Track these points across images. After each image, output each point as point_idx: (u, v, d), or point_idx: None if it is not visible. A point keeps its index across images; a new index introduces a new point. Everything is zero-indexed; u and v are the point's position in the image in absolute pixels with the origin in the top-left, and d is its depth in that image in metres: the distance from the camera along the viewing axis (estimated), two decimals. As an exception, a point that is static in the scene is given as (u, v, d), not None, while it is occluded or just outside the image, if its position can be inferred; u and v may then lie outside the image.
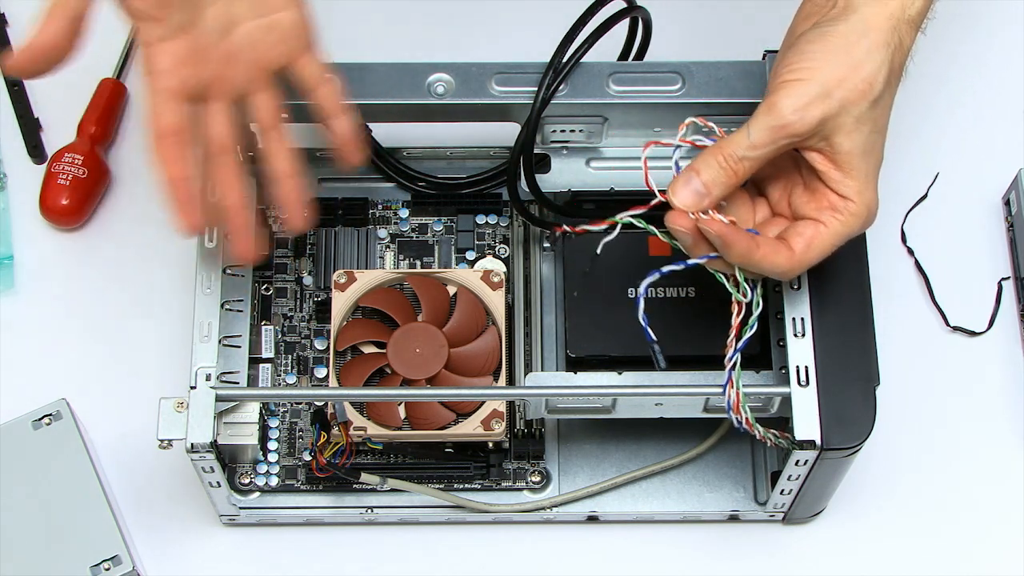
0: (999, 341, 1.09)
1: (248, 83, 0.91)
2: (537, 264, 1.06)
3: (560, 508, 1.02)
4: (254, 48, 0.90)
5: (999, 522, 1.04)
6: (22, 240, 1.11)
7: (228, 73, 0.89)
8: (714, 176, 0.85)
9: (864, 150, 0.85)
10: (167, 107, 0.87)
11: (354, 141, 0.94)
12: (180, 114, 0.87)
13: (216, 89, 0.89)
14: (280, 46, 0.91)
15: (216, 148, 0.90)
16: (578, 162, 1.01)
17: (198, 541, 1.03)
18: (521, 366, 1.03)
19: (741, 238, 0.85)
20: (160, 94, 0.87)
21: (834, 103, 0.84)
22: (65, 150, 1.11)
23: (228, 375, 0.94)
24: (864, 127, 0.85)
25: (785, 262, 0.86)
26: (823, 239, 0.87)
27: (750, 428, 0.91)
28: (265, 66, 0.91)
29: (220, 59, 0.89)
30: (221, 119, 0.90)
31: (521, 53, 1.00)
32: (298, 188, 0.92)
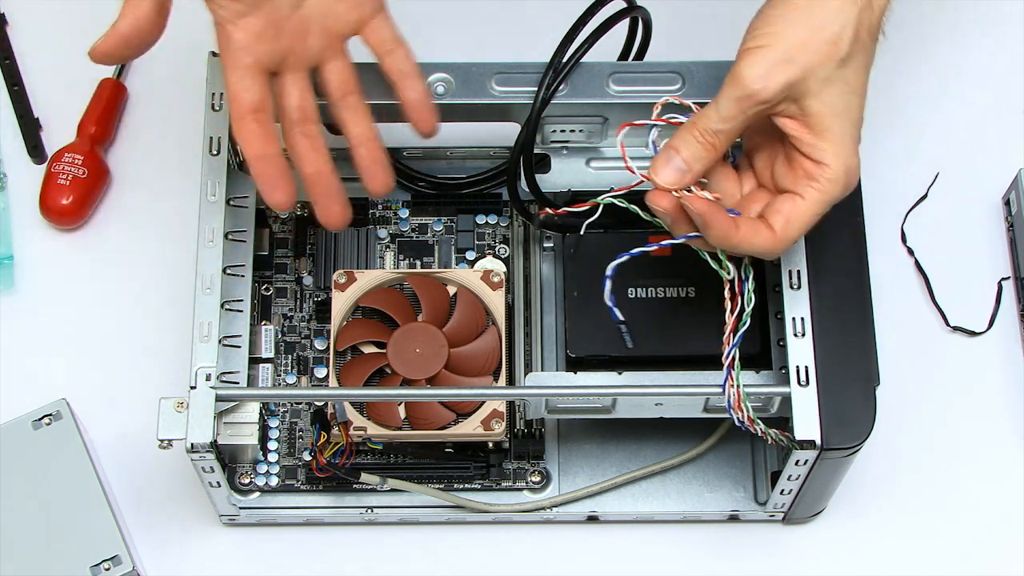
0: (999, 341, 1.09)
1: (322, 52, 0.92)
2: (537, 264, 1.06)
3: (560, 508, 1.02)
4: (325, 17, 0.91)
5: (999, 522, 1.04)
6: (22, 240, 1.11)
7: (302, 44, 0.91)
8: (693, 152, 0.85)
9: (836, 111, 0.84)
10: (245, 84, 0.89)
11: (428, 106, 0.95)
12: (260, 90, 0.89)
13: (292, 61, 0.91)
14: (350, 13, 0.92)
15: (296, 118, 0.92)
16: (578, 162, 1.01)
17: (198, 541, 1.03)
18: (521, 366, 1.03)
19: (721, 219, 0.85)
20: (238, 71, 0.89)
21: (798, 67, 0.83)
22: (65, 150, 1.11)
23: (228, 375, 0.94)
24: (833, 88, 0.84)
25: (766, 242, 0.86)
26: (801, 212, 0.86)
27: (751, 426, 0.91)
28: (337, 34, 0.92)
29: (294, 31, 0.90)
30: (299, 90, 0.92)
31: (521, 53, 1.00)
32: (379, 151, 0.94)
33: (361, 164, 0.94)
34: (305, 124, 0.92)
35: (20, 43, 1.17)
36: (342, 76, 0.93)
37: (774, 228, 0.86)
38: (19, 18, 1.18)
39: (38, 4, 1.18)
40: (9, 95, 1.15)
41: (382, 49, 0.94)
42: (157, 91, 1.16)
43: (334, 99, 0.93)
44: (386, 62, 0.94)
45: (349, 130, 0.94)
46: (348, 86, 0.93)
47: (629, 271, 0.97)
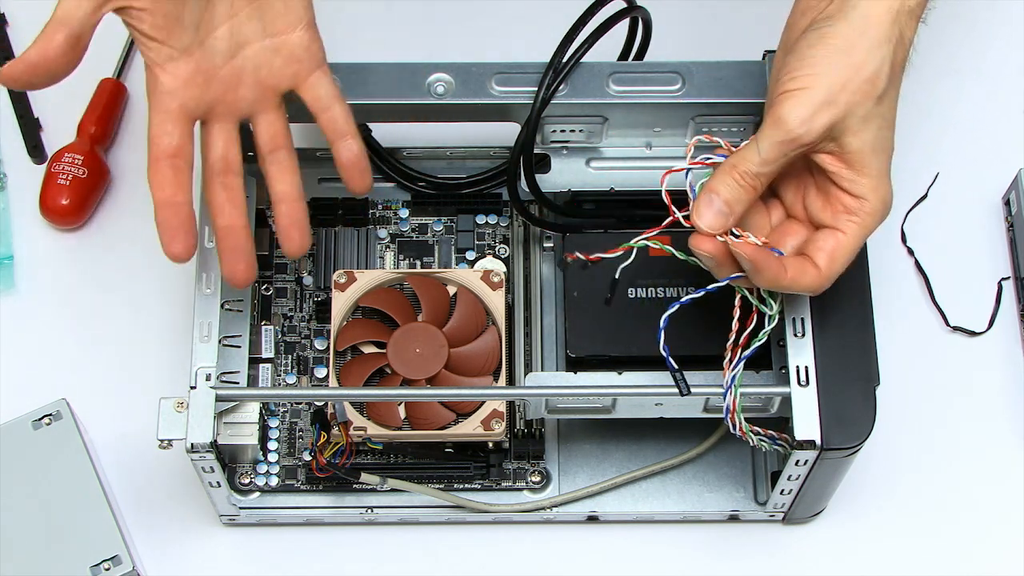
0: (999, 341, 1.09)
1: (254, 104, 0.90)
2: (537, 264, 1.06)
3: (560, 508, 1.02)
4: (259, 69, 0.90)
5: (999, 522, 1.04)
6: (22, 240, 1.11)
7: (233, 94, 0.89)
8: (734, 194, 0.85)
9: (874, 147, 0.85)
10: (166, 129, 0.87)
11: (360, 166, 0.93)
12: (180, 136, 0.87)
13: (221, 110, 0.89)
14: (287, 68, 0.90)
15: (218, 169, 0.90)
16: (578, 162, 1.01)
17: (198, 541, 1.03)
18: (521, 366, 1.03)
19: (771, 263, 0.85)
20: (160, 115, 0.87)
21: (840, 108, 0.83)
22: (65, 150, 1.11)
23: (228, 375, 0.94)
24: (872, 124, 0.85)
25: (813, 281, 0.86)
26: (845, 248, 0.86)
27: (743, 436, 0.91)
28: (272, 87, 0.91)
29: (226, 80, 0.89)
30: (224, 140, 0.90)
31: (521, 53, 1.00)
32: (299, 211, 0.92)
33: (280, 222, 0.91)
34: (226, 175, 0.90)
35: (20, 43, 1.17)
36: (272, 130, 0.91)
37: (819, 266, 0.86)
38: (19, 18, 1.18)
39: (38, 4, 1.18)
40: (9, 95, 1.15)
41: (318, 106, 0.92)
42: (157, 91, 1.15)
43: (263, 152, 0.92)
44: (322, 119, 0.92)
45: (273, 186, 0.91)
46: (278, 141, 0.91)
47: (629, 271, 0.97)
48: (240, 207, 0.90)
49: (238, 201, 0.90)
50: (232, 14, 0.88)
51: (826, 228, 0.87)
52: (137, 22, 0.85)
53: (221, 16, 0.88)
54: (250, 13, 0.88)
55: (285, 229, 0.91)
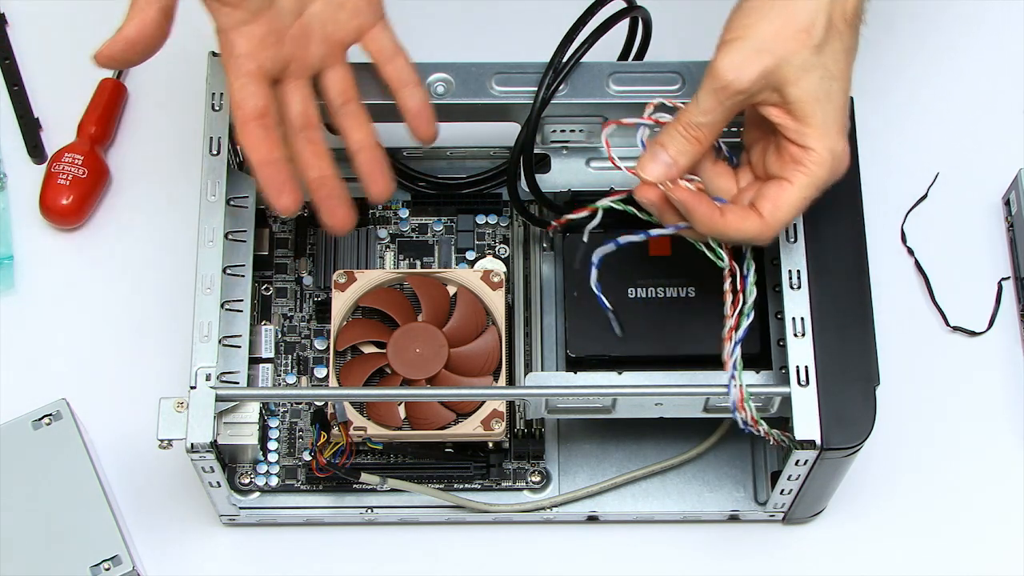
0: (999, 341, 1.09)
1: (323, 59, 0.93)
2: (537, 264, 1.06)
3: (560, 508, 1.02)
4: (326, 25, 0.92)
5: (999, 522, 1.04)
6: (22, 240, 1.11)
7: (304, 51, 0.92)
8: (678, 146, 0.87)
9: (817, 96, 0.86)
10: (249, 91, 0.89)
11: (426, 113, 0.96)
12: (263, 97, 0.90)
13: (294, 68, 0.92)
14: (351, 21, 0.93)
15: (300, 124, 0.92)
16: (578, 162, 1.01)
17: (198, 541, 1.03)
18: (521, 366, 1.03)
19: (703, 205, 0.87)
20: (241, 79, 0.89)
21: (773, 56, 0.84)
22: (65, 150, 1.11)
23: (228, 375, 0.94)
24: (812, 74, 0.85)
25: (753, 227, 0.87)
26: (789, 196, 0.87)
27: (755, 426, 0.91)
28: (338, 42, 0.93)
29: (295, 38, 0.91)
30: (301, 96, 0.92)
31: (521, 53, 1.00)
32: (379, 158, 0.94)
33: (362, 169, 0.94)
34: (308, 130, 0.93)
35: (20, 43, 1.17)
36: (343, 83, 0.94)
37: (762, 213, 0.87)
38: (19, 18, 1.18)
39: (38, 4, 1.18)
40: (9, 95, 1.15)
41: (382, 57, 0.95)
42: (157, 91, 1.16)
43: (334, 106, 0.94)
44: (386, 70, 0.95)
45: (349, 136, 0.94)
46: (348, 93, 0.94)
47: (629, 271, 0.97)
48: (327, 158, 0.93)
49: (323, 152, 0.93)
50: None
51: (774, 179, 0.88)
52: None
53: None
54: None
55: (369, 175, 0.94)
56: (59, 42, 1.17)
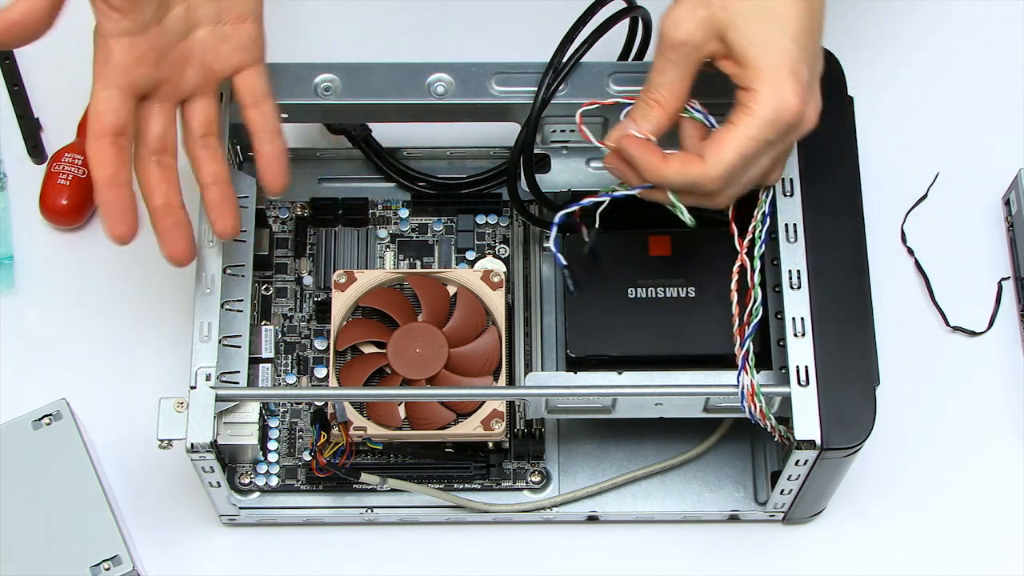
0: (999, 341, 1.09)
1: (195, 87, 0.91)
2: (537, 264, 1.06)
3: (560, 508, 1.02)
4: (207, 54, 0.90)
5: (999, 522, 1.04)
6: (22, 240, 1.11)
7: (179, 76, 0.90)
8: (641, 111, 0.89)
9: (763, 42, 0.85)
10: (112, 104, 0.86)
11: (280, 164, 0.93)
12: (125, 113, 0.87)
13: (166, 89, 0.89)
14: (233, 56, 0.91)
15: (155, 147, 0.89)
16: (578, 162, 1.01)
17: (198, 541, 1.03)
18: (521, 366, 1.03)
19: (649, 154, 0.88)
20: (109, 89, 0.86)
21: (712, 7, 0.85)
22: (65, 150, 1.11)
23: (228, 375, 0.93)
24: (755, 20, 0.85)
25: (696, 170, 0.87)
26: (731, 137, 0.86)
27: (763, 420, 0.91)
28: (214, 73, 0.91)
29: (174, 61, 0.89)
30: (164, 119, 0.90)
31: (521, 53, 1.00)
32: (231, 194, 0.92)
33: (212, 204, 0.91)
34: (163, 154, 0.90)
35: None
36: (208, 115, 0.91)
37: (704, 157, 0.87)
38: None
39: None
40: (9, 95, 1.15)
41: (251, 99, 0.92)
42: (157, 91, 1.15)
43: (194, 136, 0.91)
44: (251, 112, 0.93)
45: (203, 168, 0.91)
46: (211, 127, 0.92)
47: (629, 271, 0.97)
48: (175, 186, 0.90)
49: (173, 180, 0.90)
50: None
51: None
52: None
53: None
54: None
55: (219, 209, 0.91)
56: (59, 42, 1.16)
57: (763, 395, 0.91)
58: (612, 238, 1.00)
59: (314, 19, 1.18)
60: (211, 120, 0.92)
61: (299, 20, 1.17)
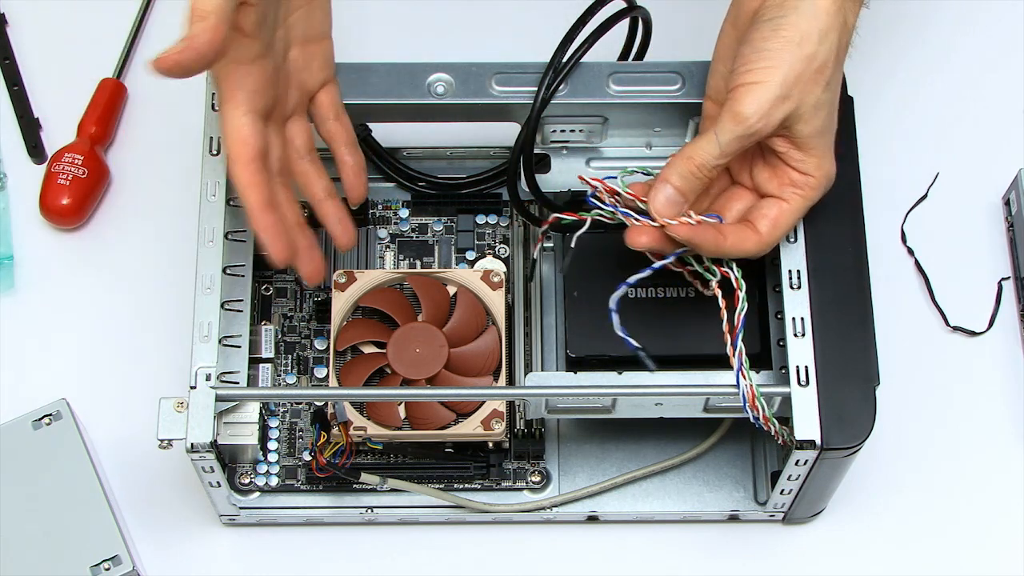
0: (999, 341, 1.09)
1: (295, 106, 0.92)
2: (537, 264, 1.06)
3: (560, 508, 1.02)
4: (301, 73, 0.91)
5: (999, 522, 1.04)
6: (22, 240, 1.11)
7: (285, 96, 0.91)
8: (689, 185, 0.89)
9: (821, 130, 0.89)
10: (256, 128, 0.86)
11: (364, 174, 0.96)
12: (264, 136, 0.87)
13: (277, 111, 0.90)
14: (321, 73, 0.93)
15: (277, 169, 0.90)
16: (578, 162, 1.01)
17: (198, 541, 1.03)
18: (521, 366, 1.03)
19: (708, 235, 0.89)
20: (248, 115, 0.86)
21: (793, 101, 0.87)
22: (65, 150, 1.11)
23: (228, 375, 0.94)
24: (821, 111, 0.88)
25: (753, 246, 0.90)
26: (787, 216, 0.91)
27: (766, 424, 0.91)
28: (308, 91, 0.93)
29: (282, 81, 0.90)
30: (279, 140, 0.90)
31: (521, 53, 1.00)
32: (343, 206, 0.94)
33: (331, 217, 0.93)
34: (283, 175, 0.91)
35: (20, 43, 1.17)
36: (307, 133, 0.93)
37: (760, 231, 0.90)
38: (19, 18, 1.18)
39: (38, 4, 1.18)
40: (9, 95, 1.15)
41: (331, 112, 0.94)
42: (157, 91, 1.15)
43: (300, 153, 0.93)
44: (334, 126, 0.94)
45: (314, 184, 0.93)
46: (312, 143, 0.93)
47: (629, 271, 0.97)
48: (296, 205, 0.91)
49: (294, 200, 0.91)
50: (287, 14, 0.89)
51: (771, 197, 0.91)
52: (243, 18, 0.84)
53: (281, 16, 0.89)
54: (299, 17, 0.90)
55: (340, 222, 0.94)
56: (59, 42, 1.17)
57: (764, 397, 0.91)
58: (612, 238, 0.99)
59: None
60: (311, 137, 0.93)
61: (299, 20, 1.17)
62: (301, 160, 0.93)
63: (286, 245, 0.87)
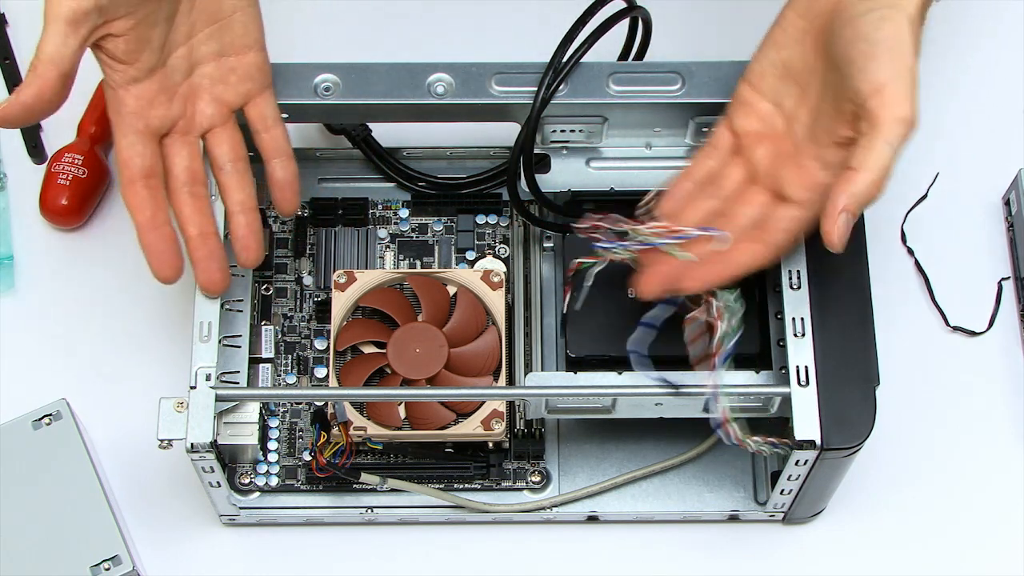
0: (999, 341, 1.09)
1: (211, 119, 0.93)
2: (537, 264, 1.06)
3: (560, 508, 1.02)
4: (215, 87, 0.93)
5: (999, 522, 1.04)
6: (22, 240, 1.11)
7: (192, 109, 0.92)
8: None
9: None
10: (136, 150, 0.90)
11: (294, 186, 0.96)
12: (150, 156, 0.90)
13: (182, 125, 0.92)
14: (241, 86, 0.94)
15: (185, 179, 0.92)
16: (578, 162, 1.01)
17: (198, 541, 1.03)
18: (521, 366, 1.03)
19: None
20: (129, 137, 0.89)
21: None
22: (65, 150, 1.11)
23: (228, 375, 0.94)
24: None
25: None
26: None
27: (740, 444, 0.91)
28: (227, 103, 0.93)
29: (184, 97, 0.92)
30: (188, 152, 0.92)
31: (521, 53, 1.00)
32: (257, 223, 0.94)
33: (238, 232, 0.94)
34: (193, 185, 0.92)
35: (20, 43, 1.17)
36: (231, 143, 0.94)
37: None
38: (19, 18, 1.18)
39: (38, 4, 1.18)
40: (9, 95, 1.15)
41: (262, 125, 0.95)
42: (157, 91, 1.15)
43: (220, 164, 0.94)
44: (264, 137, 0.95)
45: (231, 195, 0.94)
46: (237, 153, 0.94)
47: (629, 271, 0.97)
48: (209, 215, 0.93)
49: (207, 210, 0.93)
50: (191, 35, 0.91)
51: (791, 203, 0.89)
52: (112, 47, 0.87)
53: (181, 37, 0.91)
54: (209, 34, 0.92)
55: (244, 238, 0.94)
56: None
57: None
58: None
59: (314, 19, 1.18)
60: (236, 147, 0.94)
61: (299, 20, 1.17)
62: (221, 171, 0.94)
63: (167, 265, 0.90)
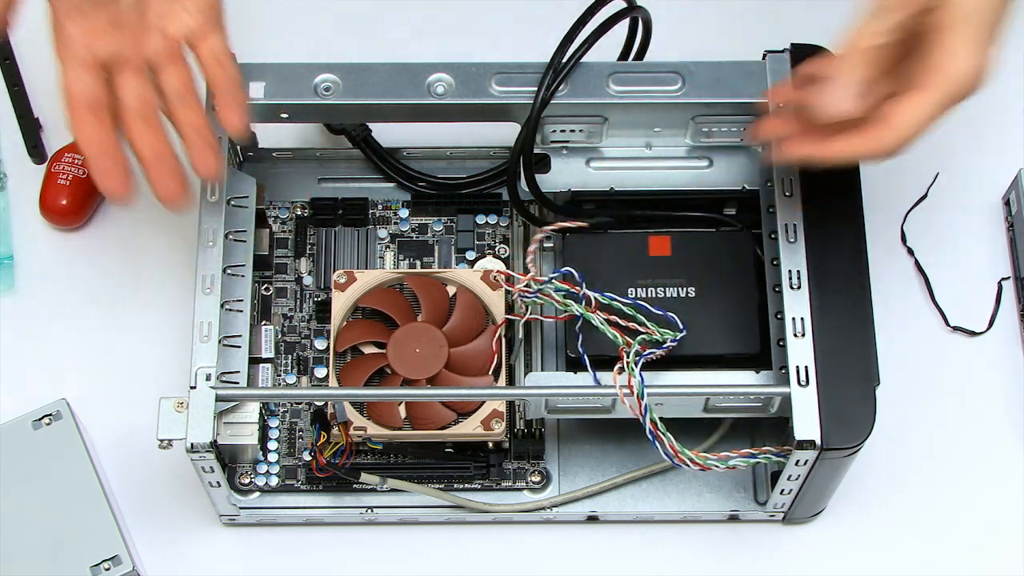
0: (999, 341, 1.09)
1: (159, 54, 0.91)
2: (537, 264, 1.06)
3: (560, 508, 1.02)
4: (163, 20, 0.91)
5: (999, 522, 1.04)
6: (22, 240, 1.11)
7: (140, 43, 0.91)
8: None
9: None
10: (78, 77, 0.89)
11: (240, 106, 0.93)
12: (93, 85, 0.89)
13: (128, 57, 0.91)
14: (191, 19, 0.92)
15: (137, 107, 0.90)
16: (578, 162, 1.01)
17: (198, 541, 1.03)
18: (521, 366, 1.03)
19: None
20: (70, 65, 0.89)
21: None
22: (65, 150, 1.11)
23: (228, 375, 0.94)
24: None
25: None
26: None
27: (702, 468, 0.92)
28: (175, 37, 0.92)
29: (132, 31, 0.90)
30: (137, 83, 0.91)
31: (521, 53, 1.00)
32: (209, 136, 0.92)
33: (190, 144, 0.92)
34: (145, 111, 0.91)
35: (20, 43, 1.17)
36: (180, 78, 0.92)
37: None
38: (19, 18, 1.18)
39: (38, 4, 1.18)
40: (9, 95, 1.15)
41: (212, 60, 0.93)
42: (157, 91, 1.15)
43: (171, 99, 0.92)
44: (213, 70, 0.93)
45: (180, 120, 0.92)
46: (186, 87, 0.92)
47: (629, 271, 0.97)
48: (164, 138, 0.91)
49: (160, 134, 0.91)
50: None
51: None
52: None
53: None
54: None
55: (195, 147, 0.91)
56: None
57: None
58: (612, 238, 1.00)
59: (314, 19, 1.18)
60: (184, 82, 0.92)
61: (299, 20, 1.17)
62: (173, 105, 0.92)
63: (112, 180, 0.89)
